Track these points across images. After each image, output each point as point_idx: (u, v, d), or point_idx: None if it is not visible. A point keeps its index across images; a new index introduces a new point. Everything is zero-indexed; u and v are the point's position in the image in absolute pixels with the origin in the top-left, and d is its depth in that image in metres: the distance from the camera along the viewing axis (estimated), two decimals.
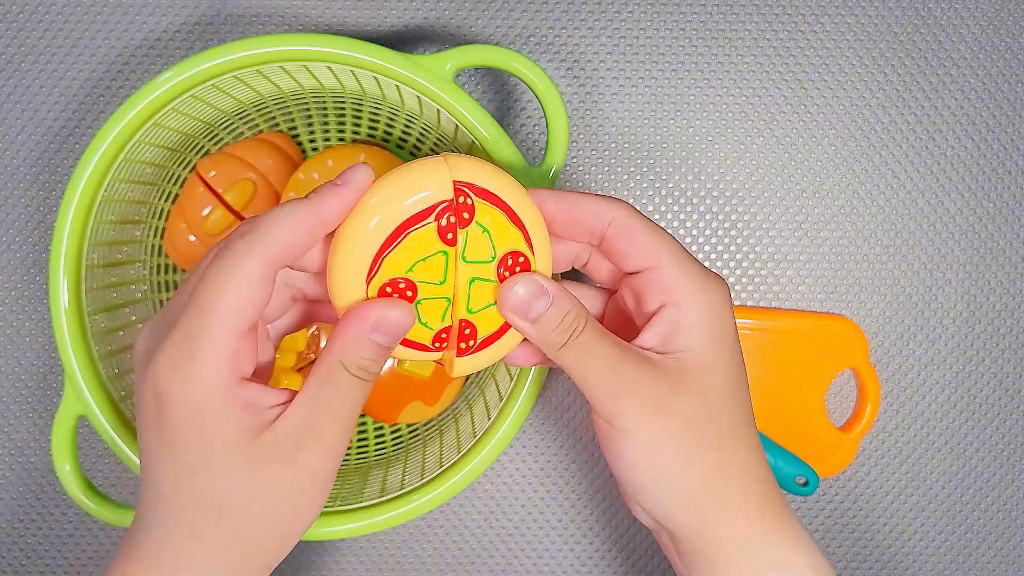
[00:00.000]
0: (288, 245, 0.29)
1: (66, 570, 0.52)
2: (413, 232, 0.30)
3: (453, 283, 0.31)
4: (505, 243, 0.32)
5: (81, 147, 0.50)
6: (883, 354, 0.52)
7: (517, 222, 0.32)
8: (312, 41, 0.40)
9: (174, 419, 0.29)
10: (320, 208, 0.30)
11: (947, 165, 0.51)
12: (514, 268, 0.32)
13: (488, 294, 0.32)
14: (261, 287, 0.29)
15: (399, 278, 0.31)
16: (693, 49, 0.50)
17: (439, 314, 0.32)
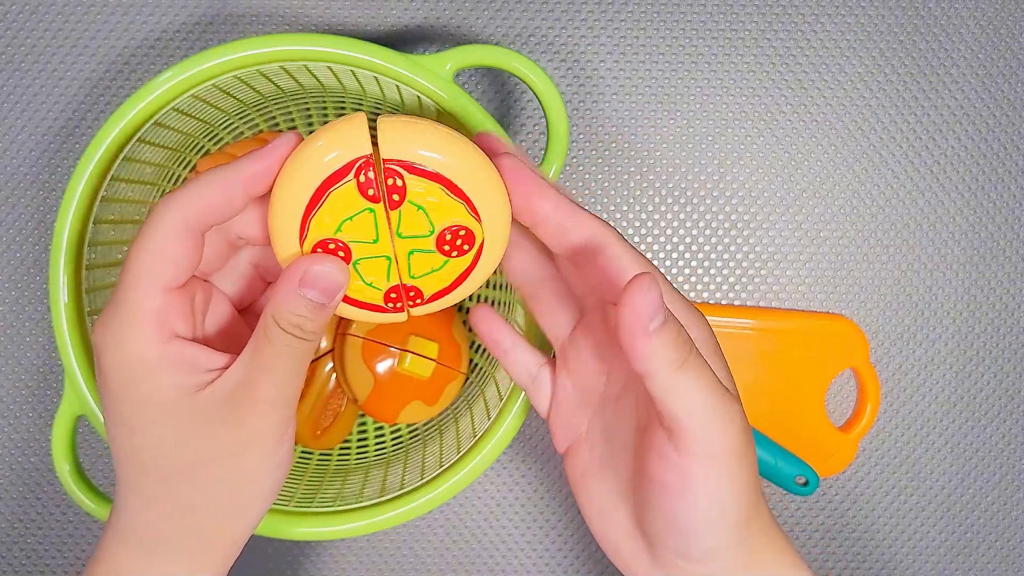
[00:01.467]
0: (206, 204, 0.29)
1: (66, 570, 0.52)
2: (334, 191, 0.30)
3: (391, 248, 0.31)
4: (444, 217, 0.31)
5: (81, 147, 0.50)
6: (883, 354, 0.52)
7: (458, 192, 0.30)
8: (312, 41, 0.40)
9: (110, 380, 0.30)
10: (240, 168, 0.30)
11: (947, 165, 0.51)
12: (454, 241, 0.31)
13: (430, 263, 0.32)
14: (179, 244, 0.29)
15: (328, 239, 0.30)
16: (693, 49, 0.50)
17: (383, 272, 0.31)
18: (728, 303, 0.51)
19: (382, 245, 0.31)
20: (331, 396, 0.47)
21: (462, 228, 0.31)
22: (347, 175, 0.29)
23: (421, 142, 0.30)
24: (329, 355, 0.47)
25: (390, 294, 0.32)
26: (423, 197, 0.30)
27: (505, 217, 0.32)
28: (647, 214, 0.51)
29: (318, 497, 0.44)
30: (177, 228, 0.29)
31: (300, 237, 0.30)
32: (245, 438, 0.30)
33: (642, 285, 0.28)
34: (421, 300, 0.33)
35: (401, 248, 0.31)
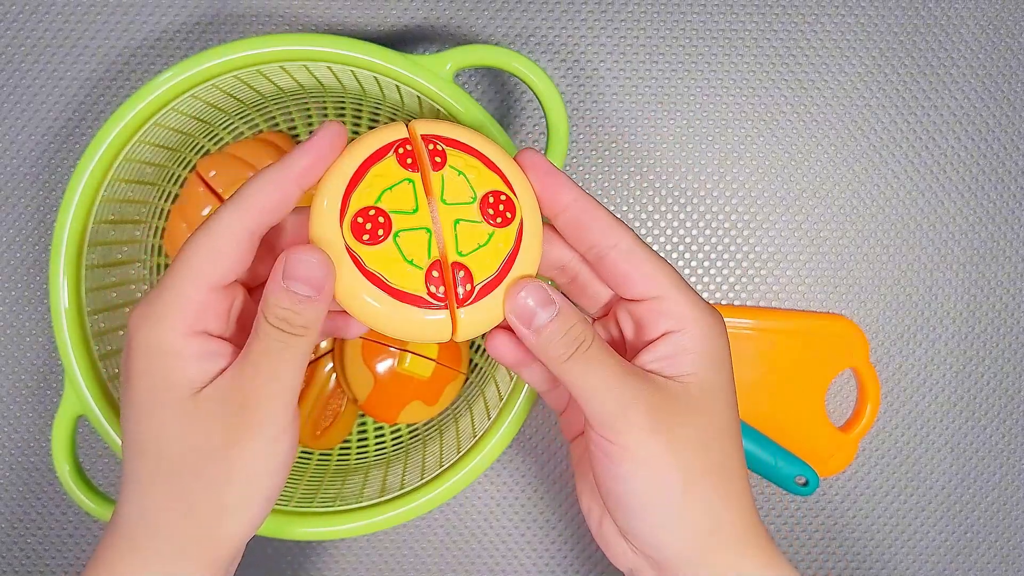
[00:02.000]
0: (261, 202, 0.30)
1: (66, 570, 0.52)
2: (375, 167, 0.31)
3: (432, 219, 0.31)
4: (484, 184, 0.31)
5: (81, 147, 0.50)
6: (883, 354, 0.52)
7: (493, 167, 0.32)
8: (312, 41, 0.40)
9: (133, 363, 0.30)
10: (289, 164, 0.30)
11: (947, 165, 0.51)
12: (497, 206, 0.31)
13: (476, 236, 0.31)
14: (235, 245, 0.30)
15: (368, 207, 0.30)
16: (693, 49, 0.50)
17: (423, 247, 0.30)
18: (728, 303, 0.51)
19: (421, 215, 0.31)
20: (331, 396, 0.47)
21: (502, 194, 0.31)
22: (387, 153, 0.31)
23: (453, 129, 0.32)
24: (329, 355, 0.47)
25: (432, 272, 0.30)
26: (462, 164, 0.31)
27: (535, 202, 0.32)
28: (647, 214, 0.51)
29: (318, 497, 0.44)
30: (236, 230, 0.30)
31: (340, 213, 0.30)
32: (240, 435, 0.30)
33: (521, 286, 0.31)
34: (471, 285, 0.31)
35: (446, 217, 0.31)
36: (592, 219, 0.32)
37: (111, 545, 0.32)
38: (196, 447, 0.30)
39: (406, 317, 0.30)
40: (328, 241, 0.30)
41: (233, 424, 0.30)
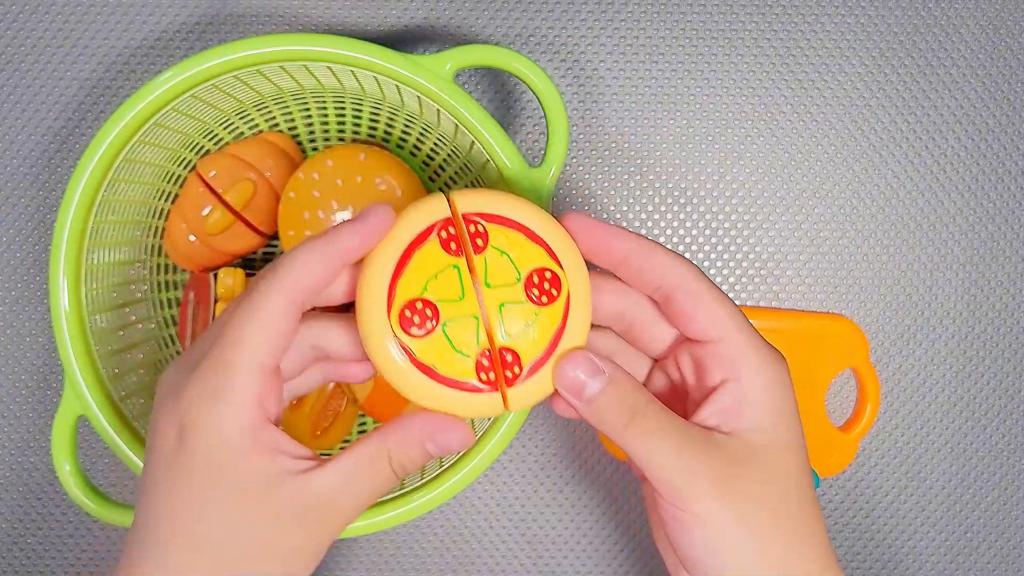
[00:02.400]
0: (307, 280, 0.30)
1: (66, 570, 0.52)
2: (418, 252, 0.31)
3: (479, 304, 0.31)
4: (528, 262, 0.31)
5: (81, 147, 0.50)
6: (883, 354, 0.52)
7: (537, 239, 0.31)
8: (312, 41, 0.40)
9: (196, 455, 0.29)
10: (337, 242, 0.30)
11: (947, 165, 0.51)
12: (542, 285, 0.31)
13: (523, 316, 0.31)
14: (285, 323, 0.29)
15: (415, 299, 0.30)
16: (693, 49, 0.50)
17: (472, 334, 0.31)
18: None
19: (468, 303, 0.31)
20: (331, 396, 0.47)
21: (547, 270, 0.31)
22: (429, 236, 0.31)
23: (493, 200, 0.31)
24: None
25: (481, 360, 0.31)
26: (505, 241, 0.31)
27: (584, 268, 0.32)
28: (647, 214, 0.51)
29: None
30: (283, 309, 0.29)
31: (388, 304, 0.30)
32: (310, 545, 0.30)
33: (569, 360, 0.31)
34: (520, 368, 0.31)
35: (491, 301, 0.31)
36: (653, 264, 0.32)
37: None
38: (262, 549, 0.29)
39: (457, 400, 0.31)
40: (377, 334, 0.30)
41: (310, 532, 0.30)
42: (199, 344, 0.31)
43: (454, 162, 0.47)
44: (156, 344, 0.47)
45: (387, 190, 0.43)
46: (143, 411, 0.44)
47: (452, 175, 0.48)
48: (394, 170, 0.43)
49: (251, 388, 0.29)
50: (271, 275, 0.30)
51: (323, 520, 0.30)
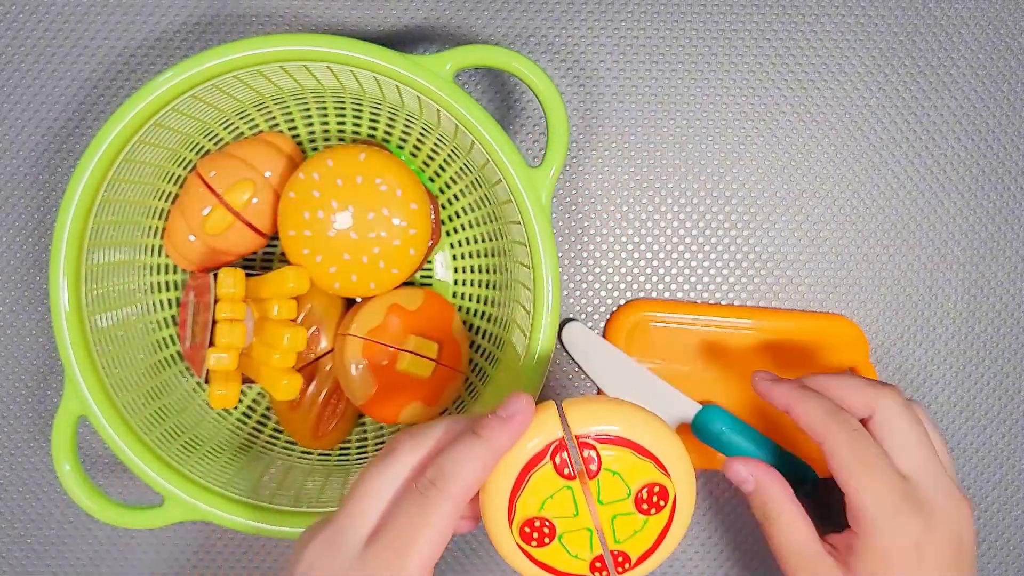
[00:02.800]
0: (472, 484, 0.33)
1: (66, 570, 0.52)
2: (534, 474, 0.34)
3: (592, 519, 0.35)
4: (639, 478, 0.35)
5: (81, 147, 0.50)
6: (883, 354, 0.52)
7: (646, 454, 0.35)
8: (312, 41, 0.40)
9: None
10: (494, 446, 0.33)
11: (947, 165, 0.51)
12: (651, 498, 0.35)
13: (632, 525, 0.35)
14: (450, 527, 0.33)
15: (534, 518, 0.34)
16: (693, 49, 0.50)
17: (586, 544, 0.35)
18: (728, 303, 0.51)
19: (582, 518, 0.35)
20: (331, 396, 0.47)
21: (656, 485, 0.35)
22: (544, 458, 0.34)
23: (604, 415, 0.35)
24: (329, 355, 0.47)
25: (594, 563, 0.35)
26: (616, 462, 0.34)
27: (690, 468, 0.36)
28: (647, 214, 0.51)
29: (319, 497, 0.44)
30: (450, 512, 0.33)
31: (508, 518, 0.34)
32: None
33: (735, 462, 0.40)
34: (629, 565, 0.36)
35: (604, 515, 0.35)
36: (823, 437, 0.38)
37: None
38: None
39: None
40: (502, 544, 0.35)
41: None
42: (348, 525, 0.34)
43: (454, 162, 0.47)
44: (156, 344, 0.47)
45: (387, 190, 0.43)
46: (143, 411, 0.44)
47: (452, 175, 0.48)
48: (394, 170, 0.44)
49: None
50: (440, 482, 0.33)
51: None
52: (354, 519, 0.34)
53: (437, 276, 0.50)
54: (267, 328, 0.43)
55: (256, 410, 0.50)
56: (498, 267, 0.48)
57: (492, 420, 0.34)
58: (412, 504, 0.33)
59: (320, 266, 0.44)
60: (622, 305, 0.51)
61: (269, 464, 0.47)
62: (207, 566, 0.52)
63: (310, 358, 0.46)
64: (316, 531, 0.34)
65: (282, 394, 0.43)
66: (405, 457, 0.34)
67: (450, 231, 0.50)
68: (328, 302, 0.46)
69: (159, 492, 0.42)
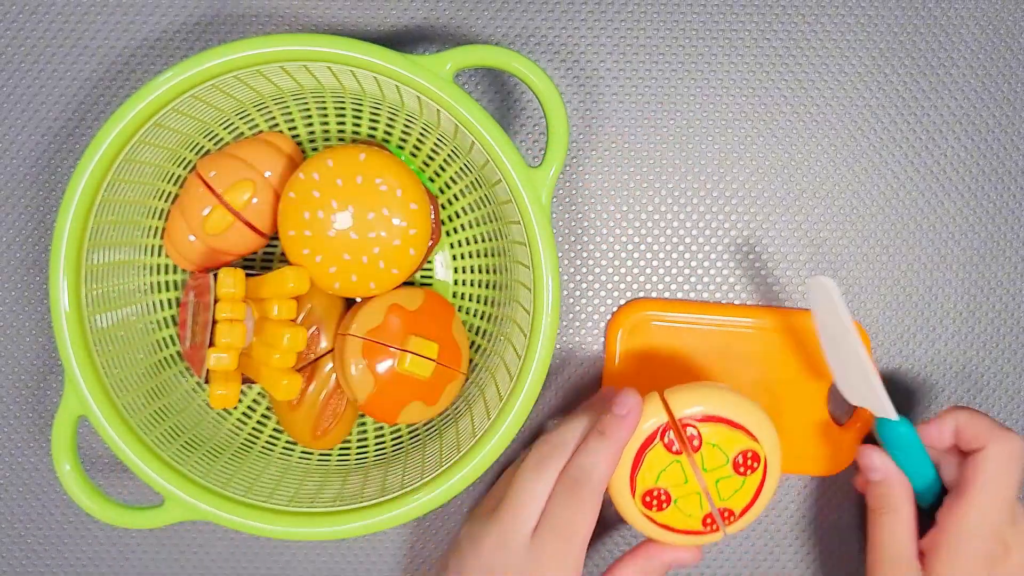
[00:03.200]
0: (608, 475, 0.41)
1: (66, 570, 0.52)
2: (648, 453, 0.42)
3: (700, 484, 0.43)
4: (734, 447, 0.43)
5: (81, 147, 0.50)
6: (883, 354, 0.52)
7: (738, 426, 0.42)
8: (312, 41, 0.40)
9: None
10: (619, 440, 0.41)
11: (947, 165, 0.51)
12: (746, 461, 0.43)
13: (733, 485, 0.43)
14: (597, 512, 0.41)
15: (652, 488, 0.43)
16: (693, 49, 0.50)
17: (696, 505, 0.43)
18: (728, 303, 0.51)
19: (691, 485, 0.43)
20: (331, 396, 0.47)
21: (749, 450, 0.43)
22: (654, 440, 0.42)
23: (699, 399, 0.42)
24: (329, 355, 0.47)
25: (706, 519, 0.43)
26: (714, 436, 0.42)
27: (775, 433, 0.44)
28: (647, 214, 0.51)
29: (318, 497, 0.44)
30: (599, 501, 0.41)
31: (631, 491, 0.43)
32: None
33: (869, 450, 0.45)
34: (734, 518, 0.44)
35: (709, 480, 0.43)
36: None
37: None
38: None
39: (691, 540, 0.44)
40: (628, 514, 0.44)
41: None
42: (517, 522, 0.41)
43: (454, 162, 0.47)
44: (156, 344, 0.47)
45: (387, 190, 0.43)
46: (143, 411, 0.44)
47: (452, 175, 0.48)
48: (394, 170, 0.44)
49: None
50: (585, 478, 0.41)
51: None
52: (519, 518, 0.41)
53: (437, 276, 0.50)
54: (267, 328, 0.43)
55: (256, 410, 0.50)
56: (498, 267, 0.48)
57: (613, 420, 0.41)
58: (566, 499, 0.40)
59: (320, 266, 0.44)
60: (622, 305, 0.51)
61: (269, 464, 0.47)
62: (207, 566, 0.52)
63: (310, 358, 0.46)
64: (484, 530, 0.41)
65: (282, 394, 0.43)
66: (554, 464, 0.41)
67: (450, 231, 0.50)
68: (328, 302, 0.46)
69: (159, 492, 0.42)
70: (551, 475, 0.41)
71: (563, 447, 0.42)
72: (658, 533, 0.44)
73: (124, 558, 0.51)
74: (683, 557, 0.44)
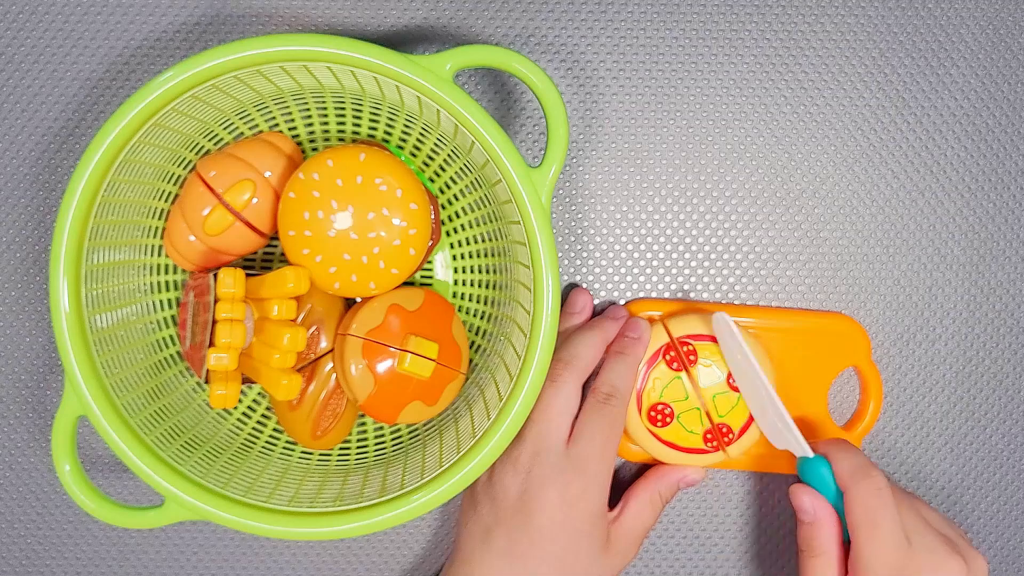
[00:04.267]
0: (632, 389, 0.47)
1: (66, 570, 0.52)
2: (652, 370, 0.47)
3: (698, 399, 0.47)
4: (726, 365, 0.47)
5: (81, 147, 0.50)
6: (883, 354, 0.52)
7: None
8: (312, 41, 0.40)
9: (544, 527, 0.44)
10: (637, 358, 0.47)
11: (947, 165, 0.51)
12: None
13: (729, 401, 0.47)
14: (624, 423, 0.47)
15: (656, 403, 0.47)
16: (693, 49, 0.50)
17: (698, 421, 0.47)
18: (728, 303, 0.51)
19: (692, 400, 0.47)
20: (331, 396, 0.47)
21: None
22: (658, 358, 0.47)
23: (695, 325, 0.48)
24: (329, 355, 0.47)
25: (707, 435, 0.47)
26: (709, 353, 0.47)
27: (765, 356, 0.48)
28: (647, 214, 0.51)
29: (318, 497, 0.44)
30: (626, 414, 0.46)
31: (638, 407, 0.47)
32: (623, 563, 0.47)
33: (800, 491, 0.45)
34: (732, 435, 0.47)
35: (707, 395, 0.47)
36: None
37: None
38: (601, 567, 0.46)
39: (694, 459, 0.48)
40: (635, 429, 0.48)
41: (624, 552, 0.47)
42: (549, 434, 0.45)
43: (454, 162, 0.47)
44: (156, 344, 0.47)
45: (387, 190, 0.43)
46: (143, 411, 0.44)
47: (452, 175, 0.48)
48: (394, 170, 0.43)
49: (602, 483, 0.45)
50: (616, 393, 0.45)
51: (629, 545, 0.47)
52: (551, 430, 0.44)
53: (437, 276, 0.50)
54: (267, 328, 0.43)
55: (256, 410, 0.50)
56: (498, 267, 0.48)
57: (629, 341, 0.47)
58: (597, 412, 0.45)
59: (320, 266, 0.44)
60: (622, 305, 0.51)
61: (269, 464, 0.47)
62: (207, 566, 0.52)
63: (310, 358, 0.46)
64: (517, 447, 0.44)
65: (282, 394, 0.43)
66: (573, 383, 0.45)
67: (450, 231, 0.50)
68: (328, 302, 0.46)
69: (159, 492, 0.42)
70: (573, 388, 0.45)
71: (578, 362, 0.45)
72: (663, 451, 0.48)
73: (124, 558, 0.51)
74: (691, 476, 0.48)
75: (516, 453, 0.44)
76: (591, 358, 0.46)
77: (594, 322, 0.48)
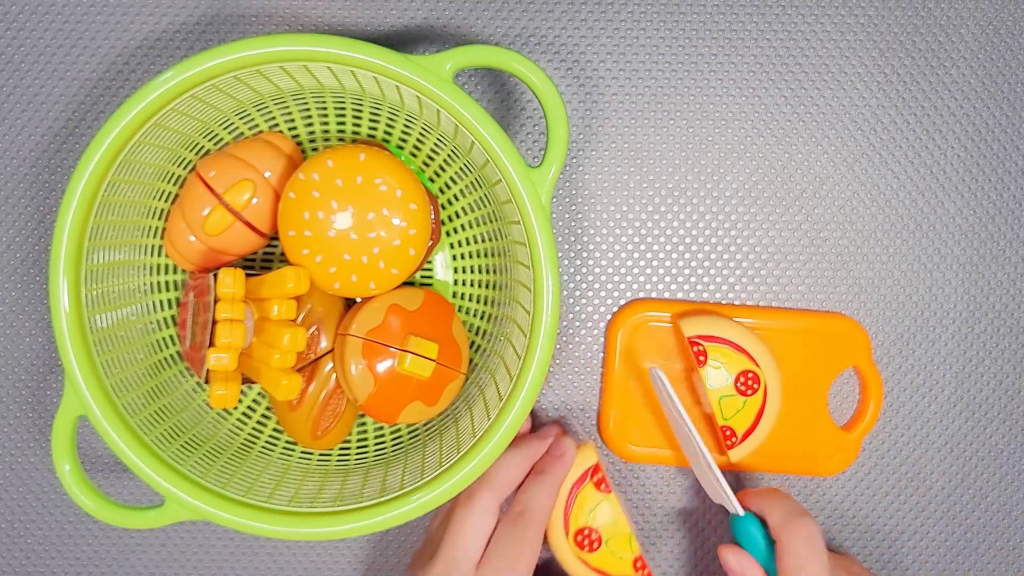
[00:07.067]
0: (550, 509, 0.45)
1: (66, 570, 0.52)
2: (579, 491, 0.47)
3: (627, 523, 0.47)
4: (735, 367, 0.47)
5: (81, 147, 0.50)
6: (883, 354, 0.52)
7: (740, 349, 0.47)
8: (312, 41, 0.40)
9: None
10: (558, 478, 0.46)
11: (947, 165, 0.51)
12: (747, 382, 0.48)
13: (735, 405, 0.47)
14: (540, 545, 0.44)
15: (583, 527, 0.47)
16: (693, 49, 0.50)
17: (626, 546, 0.47)
18: (728, 303, 0.51)
19: (619, 526, 0.47)
20: (331, 396, 0.47)
21: (750, 372, 0.47)
22: (585, 479, 0.47)
23: (706, 325, 0.47)
24: (329, 355, 0.47)
25: (636, 563, 0.47)
26: (719, 355, 0.47)
27: (775, 364, 0.48)
28: (647, 214, 0.51)
29: (318, 497, 0.44)
30: (542, 535, 0.44)
31: (565, 529, 0.47)
32: None
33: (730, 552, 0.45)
34: (736, 438, 0.47)
35: (713, 396, 0.47)
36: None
37: None
38: None
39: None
40: (561, 552, 0.47)
41: None
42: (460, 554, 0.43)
43: (454, 162, 0.47)
44: (156, 344, 0.47)
45: (387, 190, 0.43)
46: (143, 411, 0.44)
47: (452, 175, 0.48)
48: (394, 170, 0.43)
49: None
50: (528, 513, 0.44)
51: None
52: (463, 551, 0.43)
53: (437, 276, 0.50)
54: (267, 328, 0.43)
55: (256, 410, 0.50)
56: (498, 267, 0.48)
57: (551, 460, 0.46)
58: (510, 533, 0.43)
59: (320, 266, 0.44)
60: (622, 305, 0.51)
61: (269, 464, 0.47)
62: (207, 566, 0.52)
63: (310, 358, 0.46)
64: (427, 566, 0.43)
65: (282, 394, 0.43)
66: (490, 502, 0.43)
67: (450, 231, 0.50)
68: (328, 302, 0.46)
69: (159, 492, 0.42)
70: (490, 511, 0.43)
71: (495, 482, 0.44)
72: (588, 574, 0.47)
73: (124, 558, 0.51)
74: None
75: (424, 574, 0.43)
76: (511, 477, 0.45)
77: (519, 440, 0.47)
